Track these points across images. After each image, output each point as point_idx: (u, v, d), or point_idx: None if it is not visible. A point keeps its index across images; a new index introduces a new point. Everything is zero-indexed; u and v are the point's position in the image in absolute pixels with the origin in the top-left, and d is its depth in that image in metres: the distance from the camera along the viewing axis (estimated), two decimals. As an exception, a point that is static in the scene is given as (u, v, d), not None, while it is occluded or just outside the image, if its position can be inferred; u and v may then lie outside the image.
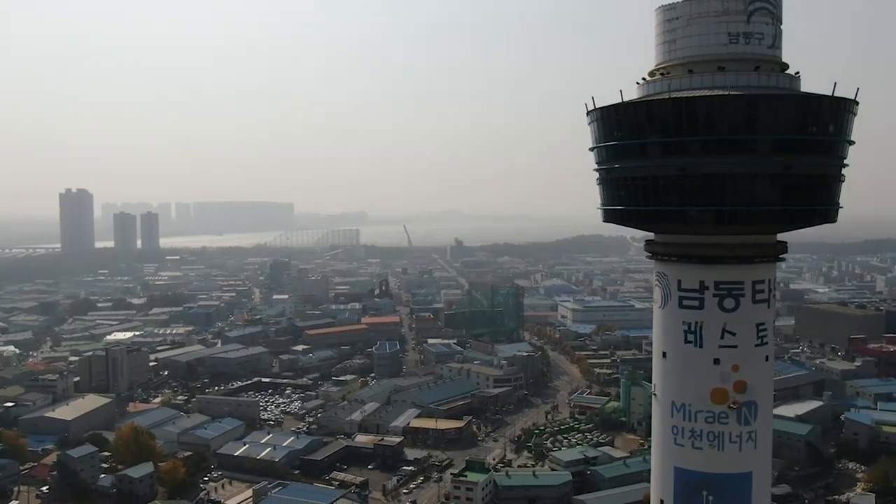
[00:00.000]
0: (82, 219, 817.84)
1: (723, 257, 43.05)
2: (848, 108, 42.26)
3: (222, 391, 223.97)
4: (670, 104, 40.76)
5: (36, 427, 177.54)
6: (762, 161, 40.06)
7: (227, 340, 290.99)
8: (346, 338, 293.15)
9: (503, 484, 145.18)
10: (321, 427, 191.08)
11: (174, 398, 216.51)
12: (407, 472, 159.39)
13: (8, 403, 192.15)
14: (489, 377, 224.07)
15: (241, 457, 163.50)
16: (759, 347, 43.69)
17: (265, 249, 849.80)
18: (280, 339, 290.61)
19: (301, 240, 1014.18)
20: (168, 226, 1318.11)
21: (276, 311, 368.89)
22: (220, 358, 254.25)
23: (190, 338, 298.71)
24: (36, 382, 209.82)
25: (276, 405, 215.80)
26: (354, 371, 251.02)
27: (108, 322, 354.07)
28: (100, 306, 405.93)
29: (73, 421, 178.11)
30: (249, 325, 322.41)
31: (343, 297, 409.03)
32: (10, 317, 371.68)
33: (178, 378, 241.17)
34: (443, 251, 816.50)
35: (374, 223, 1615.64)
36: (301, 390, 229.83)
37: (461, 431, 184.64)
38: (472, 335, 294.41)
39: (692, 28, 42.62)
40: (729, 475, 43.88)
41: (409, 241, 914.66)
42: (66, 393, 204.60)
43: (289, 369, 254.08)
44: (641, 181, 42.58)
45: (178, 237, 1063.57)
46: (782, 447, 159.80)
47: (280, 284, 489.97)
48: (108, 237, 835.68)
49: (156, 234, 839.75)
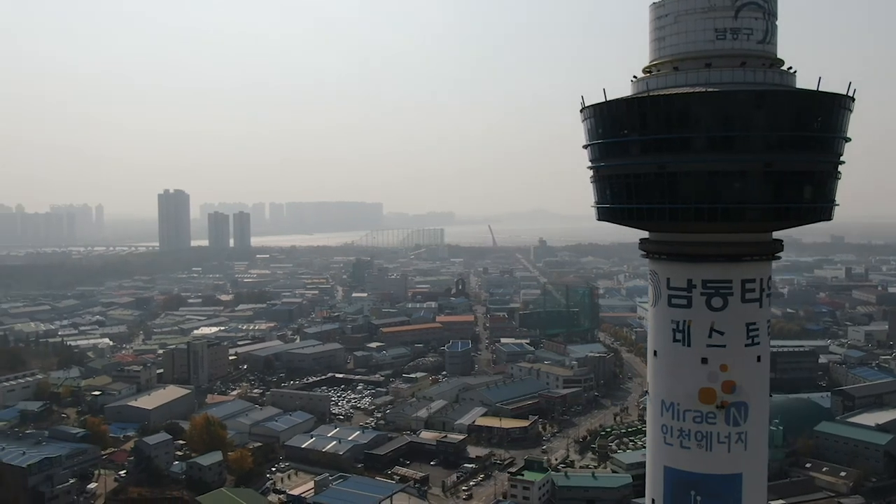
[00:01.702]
0: (179, 218, 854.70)
1: (710, 255, 42.51)
2: (842, 105, 41.10)
3: (297, 385, 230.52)
4: (648, 102, 40.68)
5: (120, 415, 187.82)
6: (742, 158, 39.38)
7: (306, 337, 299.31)
8: (420, 336, 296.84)
9: (561, 484, 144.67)
10: (388, 423, 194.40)
11: (250, 391, 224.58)
12: (468, 470, 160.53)
13: (95, 392, 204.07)
14: (559, 377, 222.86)
15: (307, 449, 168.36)
16: (749, 347, 42.90)
17: (352, 248, 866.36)
18: (356, 336, 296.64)
19: (387, 239, 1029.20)
20: (262, 225, 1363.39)
21: (355, 308, 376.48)
22: (296, 353, 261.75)
23: (270, 333, 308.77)
24: (122, 373, 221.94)
25: (348, 400, 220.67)
26: (427, 369, 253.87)
27: (196, 317, 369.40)
28: (190, 302, 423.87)
29: (153, 410, 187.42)
30: (327, 322, 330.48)
31: (420, 296, 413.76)
32: (108, 311, 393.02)
33: (256, 372, 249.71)
34: (526, 251, 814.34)
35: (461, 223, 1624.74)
36: (372, 386, 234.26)
37: (526, 431, 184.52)
38: (546, 335, 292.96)
39: (679, 25, 42.32)
40: (717, 476, 43.24)
41: (493, 240, 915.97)
42: (150, 384, 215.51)
43: (362, 366, 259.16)
44: (625, 179, 42.58)
45: (271, 236, 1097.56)
46: (858, 457, 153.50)
47: (361, 283, 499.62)
48: (204, 236, 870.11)
49: (247, 234, 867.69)
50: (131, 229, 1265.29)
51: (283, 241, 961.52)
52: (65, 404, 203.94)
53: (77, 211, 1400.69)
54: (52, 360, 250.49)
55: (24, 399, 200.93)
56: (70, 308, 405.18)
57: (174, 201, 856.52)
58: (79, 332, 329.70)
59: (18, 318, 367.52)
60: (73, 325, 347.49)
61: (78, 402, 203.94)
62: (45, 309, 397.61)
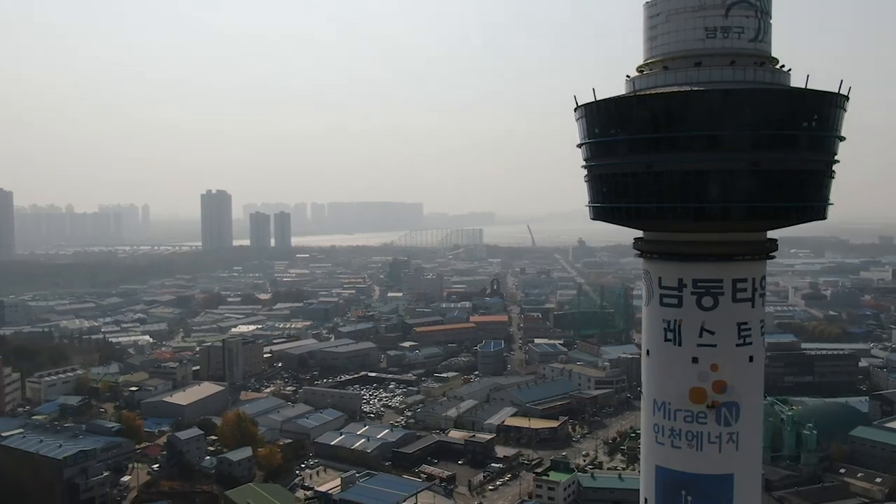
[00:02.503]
0: (221, 218, 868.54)
1: (700, 255, 42.26)
2: (833, 103, 40.63)
3: (330, 383, 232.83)
4: (634, 102, 40.75)
5: (155, 410, 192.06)
6: (726, 157, 39.14)
7: (340, 335, 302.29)
8: (453, 335, 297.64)
9: (587, 485, 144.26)
10: (418, 421, 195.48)
11: (284, 389, 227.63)
12: (494, 469, 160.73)
13: (133, 388, 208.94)
14: (591, 378, 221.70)
15: (336, 446, 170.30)
16: (741, 347, 42.55)
17: (391, 248, 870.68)
18: (389, 336, 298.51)
19: (426, 239, 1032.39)
20: (303, 225, 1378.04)
21: (390, 308, 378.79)
22: (330, 352, 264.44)
23: (305, 332, 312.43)
24: (159, 369, 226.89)
25: (379, 399, 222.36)
26: (459, 368, 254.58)
27: (235, 315, 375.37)
28: (229, 301, 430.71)
29: (188, 406, 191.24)
30: (362, 322, 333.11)
31: (454, 296, 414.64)
32: (150, 309, 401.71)
33: (290, 370, 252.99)
34: (565, 251, 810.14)
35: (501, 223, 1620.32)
36: (404, 385, 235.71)
37: (555, 431, 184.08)
38: (580, 335, 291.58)
39: (670, 24, 42.19)
40: (708, 476, 42.96)
41: (532, 240, 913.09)
42: (185, 380, 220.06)
43: (395, 365, 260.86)
44: (615, 178, 42.60)
45: (312, 236, 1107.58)
46: (894, 463, 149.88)
47: (397, 282, 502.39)
48: (247, 236, 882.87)
49: (287, 233, 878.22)
50: (176, 229, 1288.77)
51: (324, 240, 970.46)
52: (103, 399, 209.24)
53: (124, 211, 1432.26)
54: (94, 357, 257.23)
55: (65, 394, 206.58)
56: (114, 306, 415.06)
57: (216, 201, 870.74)
58: (121, 329, 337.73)
59: (64, 315, 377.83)
60: (116, 323, 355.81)
61: (116, 398, 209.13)
62: (89, 306, 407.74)
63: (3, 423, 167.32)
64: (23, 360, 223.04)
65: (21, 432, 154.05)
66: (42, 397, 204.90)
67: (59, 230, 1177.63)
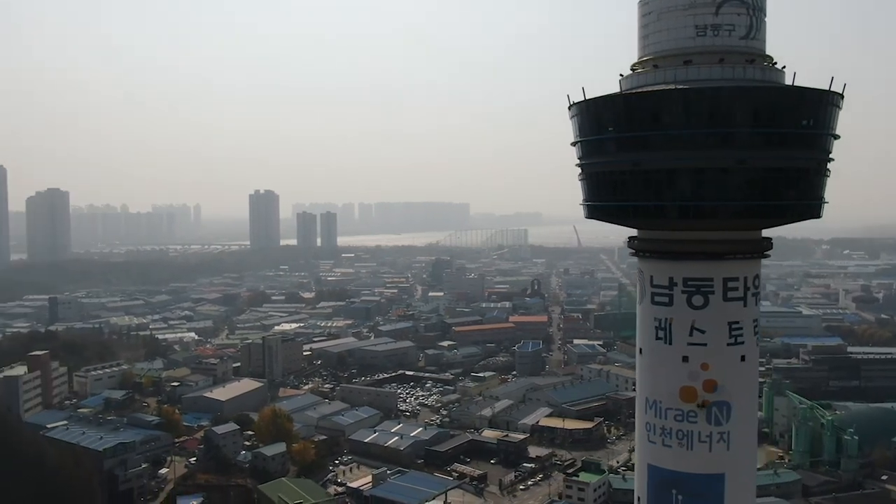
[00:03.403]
0: (268, 218, 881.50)
1: (690, 253, 42.07)
2: (827, 101, 40.07)
3: (367, 382, 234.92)
4: (619, 100, 40.85)
5: (196, 405, 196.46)
6: (713, 155, 38.82)
7: (380, 334, 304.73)
8: (492, 335, 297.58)
9: (618, 486, 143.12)
10: (453, 420, 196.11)
11: (322, 386, 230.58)
12: (526, 469, 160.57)
13: (174, 383, 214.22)
14: (628, 379, 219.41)
15: (370, 443, 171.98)
16: (732, 346, 42.20)
17: (436, 248, 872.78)
18: (428, 335, 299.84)
19: (471, 239, 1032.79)
20: (351, 225, 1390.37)
21: (430, 307, 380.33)
22: (368, 350, 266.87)
23: (345, 331, 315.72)
24: (200, 365, 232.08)
25: (416, 397, 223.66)
26: (497, 368, 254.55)
27: (278, 314, 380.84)
28: (274, 299, 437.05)
29: (226, 401, 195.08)
30: (402, 321, 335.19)
31: (494, 296, 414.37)
32: (197, 306, 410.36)
33: (329, 367, 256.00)
34: (611, 252, 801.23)
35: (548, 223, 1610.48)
36: (441, 384, 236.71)
37: (590, 432, 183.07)
38: (620, 336, 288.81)
39: (661, 23, 42.09)
40: (698, 475, 42.71)
41: (578, 241, 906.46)
42: (225, 376, 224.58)
43: (433, 364, 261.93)
44: (604, 177, 42.79)
45: (360, 236, 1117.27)
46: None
47: (440, 282, 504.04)
48: (295, 236, 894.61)
49: (333, 233, 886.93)
50: (228, 228, 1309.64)
51: (370, 240, 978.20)
52: (146, 394, 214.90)
53: (176, 210, 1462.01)
54: (140, 352, 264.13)
55: (110, 388, 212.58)
56: (162, 303, 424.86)
57: (264, 201, 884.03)
58: (168, 326, 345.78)
59: (115, 311, 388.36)
60: (164, 320, 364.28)
61: (158, 392, 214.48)
62: (139, 304, 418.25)
63: (50, 415, 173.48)
64: (71, 355, 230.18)
65: (65, 424, 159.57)
66: (88, 391, 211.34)
67: (115, 229, 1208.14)
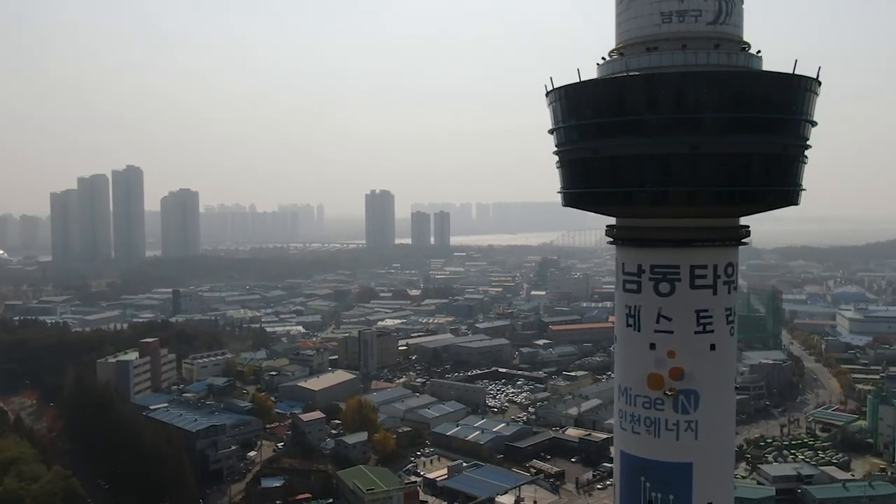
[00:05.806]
0: (384, 217, 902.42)
1: (657, 240, 41.81)
2: (800, 86, 38.93)
3: (460, 377, 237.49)
4: (582, 88, 41.15)
5: (290, 394, 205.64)
6: (673, 140, 38.59)
7: (477, 331, 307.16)
8: (589, 335, 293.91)
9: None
10: (539, 418, 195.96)
11: (414, 380, 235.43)
12: (606, 469, 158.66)
13: (273, 372, 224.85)
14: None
15: (451, 437, 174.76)
16: (700, 335, 41.59)
17: (548, 248, 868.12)
18: (524, 333, 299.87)
19: (585, 239, 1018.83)
20: (468, 224, 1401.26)
21: (530, 306, 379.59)
22: (463, 346, 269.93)
23: (444, 327, 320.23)
24: (298, 356, 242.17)
25: (506, 395, 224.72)
26: (592, 368, 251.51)
27: (384, 310, 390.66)
28: (382, 296, 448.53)
29: (319, 391, 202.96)
30: (500, 319, 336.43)
31: (597, 296, 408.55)
32: (309, 301, 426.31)
33: (423, 362, 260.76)
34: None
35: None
36: (533, 382, 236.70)
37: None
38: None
39: (630, 11, 41.95)
40: (665, 463, 42.23)
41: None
42: (321, 367, 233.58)
43: (527, 362, 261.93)
44: (575, 164, 43.06)
45: (475, 235, 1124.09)
46: None
47: (545, 281, 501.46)
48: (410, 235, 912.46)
49: (447, 232, 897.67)
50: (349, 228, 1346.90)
51: (485, 240, 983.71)
52: (247, 382, 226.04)
53: (300, 210, 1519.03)
54: (248, 343, 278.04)
55: (214, 375, 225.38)
56: (277, 298, 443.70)
57: (380, 201, 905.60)
58: (279, 319, 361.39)
59: (232, 305, 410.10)
60: (276, 313, 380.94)
61: (258, 381, 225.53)
62: (255, 298, 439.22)
63: (155, 398, 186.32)
64: (183, 344, 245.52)
65: (166, 406, 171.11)
66: (194, 377, 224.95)
67: (242, 228, 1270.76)
